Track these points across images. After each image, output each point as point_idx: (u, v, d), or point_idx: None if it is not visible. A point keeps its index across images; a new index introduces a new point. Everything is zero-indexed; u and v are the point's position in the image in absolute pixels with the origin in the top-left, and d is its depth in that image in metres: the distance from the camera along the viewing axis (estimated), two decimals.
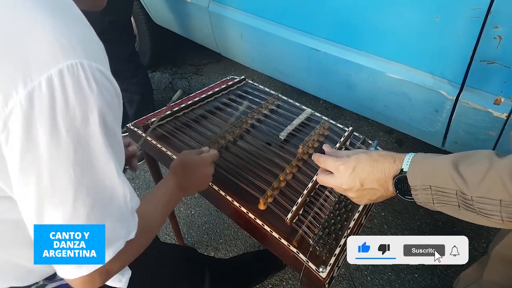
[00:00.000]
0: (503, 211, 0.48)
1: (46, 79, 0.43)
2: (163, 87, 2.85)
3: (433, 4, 1.26)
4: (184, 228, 1.76)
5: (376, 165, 0.62)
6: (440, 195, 0.54)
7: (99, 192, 0.51)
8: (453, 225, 1.74)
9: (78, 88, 0.45)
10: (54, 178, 0.46)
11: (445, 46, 1.30)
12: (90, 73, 0.46)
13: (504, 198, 0.48)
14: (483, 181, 0.49)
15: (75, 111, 0.46)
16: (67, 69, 0.44)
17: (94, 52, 0.50)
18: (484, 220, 0.52)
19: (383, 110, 1.66)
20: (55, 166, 0.46)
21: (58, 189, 0.47)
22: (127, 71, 1.96)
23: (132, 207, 0.57)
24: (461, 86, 1.33)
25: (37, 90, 0.43)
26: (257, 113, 1.22)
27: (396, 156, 0.61)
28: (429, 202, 0.56)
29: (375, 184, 0.62)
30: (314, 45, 1.70)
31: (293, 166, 1.00)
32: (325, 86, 1.86)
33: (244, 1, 1.91)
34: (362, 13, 1.46)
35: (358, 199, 0.67)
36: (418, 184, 0.56)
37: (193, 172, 0.84)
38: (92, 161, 0.49)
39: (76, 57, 0.45)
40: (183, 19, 2.41)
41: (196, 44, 2.56)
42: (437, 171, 0.54)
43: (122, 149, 0.58)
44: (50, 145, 0.45)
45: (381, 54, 1.50)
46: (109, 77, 0.51)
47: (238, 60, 2.34)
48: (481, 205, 0.50)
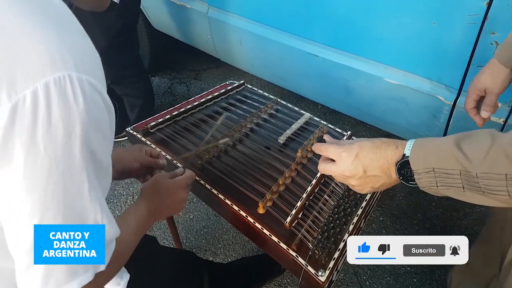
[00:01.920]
0: (509, 185, 0.48)
1: (31, 92, 0.41)
2: (162, 92, 2.85)
3: (430, 10, 1.27)
4: (182, 232, 1.76)
5: (379, 151, 0.61)
6: (444, 177, 0.53)
7: (68, 217, 0.48)
8: (451, 230, 1.74)
9: (63, 103, 0.43)
10: (24, 195, 0.44)
11: (443, 51, 1.32)
12: (78, 86, 0.44)
13: (509, 172, 0.47)
14: (487, 156, 0.49)
15: (57, 128, 0.43)
16: (54, 82, 0.42)
17: (86, 65, 0.48)
18: (491, 199, 0.51)
19: (381, 115, 1.67)
20: (27, 184, 0.44)
21: (27, 204, 0.45)
22: (133, 76, 1.98)
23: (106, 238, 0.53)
24: (459, 91, 1.34)
25: (21, 103, 0.41)
26: (256, 117, 1.22)
27: (399, 143, 0.61)
28: (433, 185, 0.55)
29: (378, 171, 0.62)
30: (313, 51, 1.71)
31: (292, 170, 1.00)
32: (324, 91, 1.87)
33: (243, 7, 1.93)
34: (360, 19, 1.48)
35: (360, 187, 0.66)
36: (420, 168, 0.55)
37: (165, 197, 0.80)
38: (65, 184, 0.46)
39: (64, 69, 0.43)
40: (183, 25, 2.42)
41: (195, 49, 2.57)
42: (439, 152, 0.54)
43: (107, 170, 0.55)
44: (25, 162, 0.43)
45: (379, 59, 1.51)
46: (100, 90, 0.48)
47: (237, 65, 2.36)
48: (487, 181, 0.49)
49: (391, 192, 1.96)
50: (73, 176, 0.47)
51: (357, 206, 0.94)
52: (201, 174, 1.00)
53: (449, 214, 1.82)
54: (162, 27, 2.62)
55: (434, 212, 1.84)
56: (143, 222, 0.72)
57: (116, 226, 0.55)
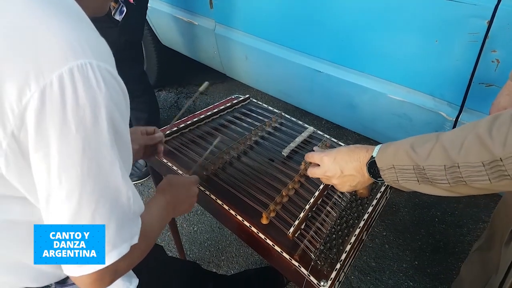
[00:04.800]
0: (448, 174, 0.57)
1: (58, 77, 0.45)
2: (168, 106, 2.90)
3: (432, 28, 1.31)
4: (186, 244, 1.77)
5: (352, 154, 0.74)
6: (402, 172, 0.64)
7: (104, 192, 0.51)
8: (454, 246, 1.74)
9: (88, 87, 0.47)
10: (61, 173, 0.47)
11: (445, 68, 1.34)
12: (99, 73, 0.48)
13: (446, 163, 0.56)
14: (431, 152, 0.59)
15: (85, 109, 0.47)
16: (77, 68, 0.46)
17: (102, 53, 0.51)
18: (438, 188, 0.60)
19: (384, 130, 1.69)
20: (64, 163, 0.47)
21: (65, 182, 0.48)
22: (137, 90, 2.01)
23: (135, 211, 0.57)
24: (461, 107, 1.37)
25: (48, 87, 0.45)
26: (261, 130, 1.25)
27: (369, 147, 0.72)
28: (395, 180, 0.66)
29: (353, 171, 0.74)
30: (317, 67, 1.74)
31: (295, 181, 1.02)
32: (328, 106, 1.90)
33: (249, 24, 1.98)
34: (363, 36, 1.51)
35: (341, 185, 0.78)
36: (384, 165, 0.67)
37: (180, 190, 0.85)
38: (99, 160, 0.50)
39: (85, 57, 0.47)
40: (190, 41, 2.48)
41: (201, 64, 2.62)
42: (397, 152, 0.64)
43: (129, 150, 0.59)
44: (60, 142, 0.46)
45: (382, 76, 1.54)
46: (116, 77, 0.52)
47: (243, 80, 2.40)
48: (431, 172, 0.59)
49: (395, 207, 1.96)
50: (104, 154, 0.50)
51: (359, 219, 0.95)
52: (206, 185, 1.02)
53: (452, 230, 1.82)
54: (170, 43, 2.68)
55: (437, 228, 1.84)
56: (163, 211, 0.76)
57: (142, 202, 0.60)
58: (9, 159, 0.48)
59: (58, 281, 0.66)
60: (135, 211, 0.57)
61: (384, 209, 1.84)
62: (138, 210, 0.59)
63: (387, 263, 1.68)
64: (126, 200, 0.55)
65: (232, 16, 2.03)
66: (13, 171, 0.50)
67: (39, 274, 0.62)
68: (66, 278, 0.67)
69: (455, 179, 0.56)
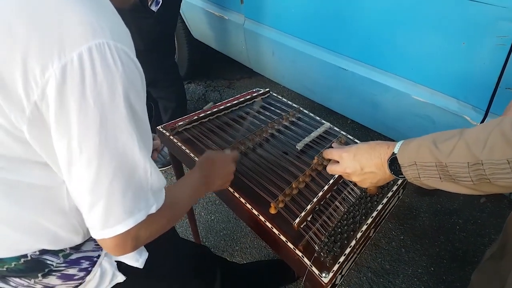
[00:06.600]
0: (471, 172, 0.56)
1: (78, 55, 0.49)
2: (196, 98, 2.96)
3: (459, 31, 1.27)
4: (203, 232, 1.81)
5: (373, 151, 0.72)
6: (424, 169, 0.62)
7: (121, 162, 0.55)
8: (473, 255, 1.69)
9: (105, 65, 0.50)
10: (81, 142, 0.52)
11: (471, 72, 1.31)
12: (116, 53, 0.51)
13: (469, 160, 0.55)
14: (454, 148, 0.57)
15: (102, 85, 0.51)
16: (96, 47, 0.50)
17: (120, 35, 0.55)
18: (461, 186, 0.59)
19: (407, 131, 1.66)
20: (83, 133, 0.51)
21: (84, 152, 0.52)
22: (167, 80, 2.08)
23: (152, 183, 0.61)
24: (486, 112, 1.33)
25: (69, 64, 0.49)
26: (278, 123, 1.27)
27: (390, 143, 0.71)
28: (417, 177, 0.64)
29: (374, 168, 0.73)
30: (342, 64, 1.74)
31: (306, 175, 1.04)
32: (351, 104, 1.89)
33: (277, 20, 1.99)
34: (390, 35, 1.49)
35: (361, 182, 0.77)
36: (405, 162, 0.65)
37: (217, 167, 0.91)
38: (116, 133, 0.54)
39: (103, 37, 0.51)
40: (220, 35, 2.52)
41: (230, 59, 2.66)
42: (419, 149, 0.63)
43: (148, 129, 0.63)
44: (79, 114, 0.50)
45: (407, 76, 1.52)
46: (133, 58, 0.55)
47: (269, 76, 2.42)
48: (454, 169, 0.58)
49: (415, 211, 1.93)
50: (122, 127, 0.54)
51: (367, 215, 0.96)
52: None
53: (473, 239, 1.77)
54: (201, 37, 2.74)
55: (458, 236, 1.79)
56: (196, 184, 0.82)
57: (162, 176, 0.64)
58: (32, 126, 0.53)
59: (72, 246, 0.71)
60: (153, 183, 0.61)
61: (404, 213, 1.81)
62: (157, 184, 0.62)
63: (402, 267, 1.66)
64: (144, 172, 0.59)
65: (261, 12, 2.05)
66: (36, 138, 0.55)
67: (54, 237, 0.67)
68: (80, 244, 0.72)
69: (478, 176, 0.55)
